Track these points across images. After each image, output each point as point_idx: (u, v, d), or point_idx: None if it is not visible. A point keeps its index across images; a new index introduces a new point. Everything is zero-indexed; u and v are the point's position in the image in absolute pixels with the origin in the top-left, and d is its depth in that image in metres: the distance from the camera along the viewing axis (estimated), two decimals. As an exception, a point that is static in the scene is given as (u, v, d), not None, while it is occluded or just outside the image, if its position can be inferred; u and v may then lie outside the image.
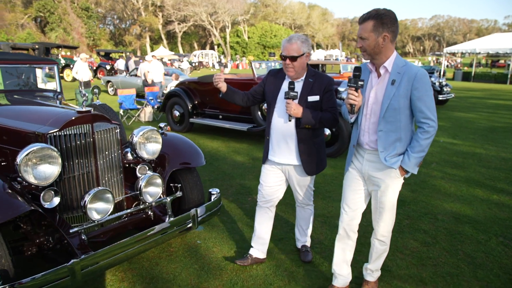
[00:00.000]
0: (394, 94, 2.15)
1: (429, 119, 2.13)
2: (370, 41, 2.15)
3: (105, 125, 2.72)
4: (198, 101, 8.34)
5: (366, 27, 2.15)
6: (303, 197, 2.92)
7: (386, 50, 2.16)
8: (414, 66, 2.18)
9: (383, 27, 2.11)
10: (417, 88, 2.11)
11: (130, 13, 60.24)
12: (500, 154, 6.52)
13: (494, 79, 26.44)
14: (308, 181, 2.86)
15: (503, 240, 3.40)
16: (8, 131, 2.74)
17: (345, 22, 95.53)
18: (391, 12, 2.15)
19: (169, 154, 3.11)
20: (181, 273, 2.86)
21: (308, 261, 2.99)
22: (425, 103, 2.13)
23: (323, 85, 2.68)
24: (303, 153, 2.71)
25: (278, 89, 2.77)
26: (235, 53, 58.84)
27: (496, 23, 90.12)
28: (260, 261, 2.97)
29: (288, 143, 2.73)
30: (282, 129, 2.72)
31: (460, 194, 4.54)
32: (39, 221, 2.42)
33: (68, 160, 2.55)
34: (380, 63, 2.21)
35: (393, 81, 2.16)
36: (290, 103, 2.56)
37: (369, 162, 2.35)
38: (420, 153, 2.18)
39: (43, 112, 2.88)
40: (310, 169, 2.75)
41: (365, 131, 2.32)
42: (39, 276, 2.02)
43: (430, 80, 2.19)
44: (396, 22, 2.15)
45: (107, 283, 2.73)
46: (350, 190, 2.48)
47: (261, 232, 2.96)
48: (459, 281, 2.78)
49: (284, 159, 2.76)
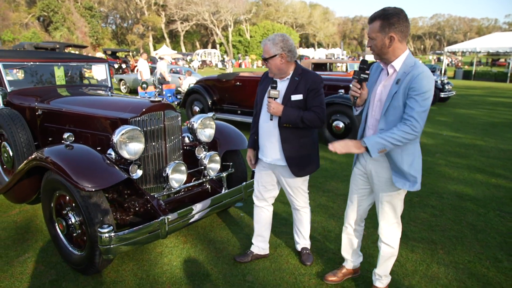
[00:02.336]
0: (396, 92, 2.12)
1: (412, 118, 2.04)
2: (378, 41, 2.13)
3: (172, 113, 3.29)
4: (217, 97, 8.93)
5: (374, 27, 2.13)
6: (296, 199, 2.88)
7: (394, 50, 2.13)
8: (421, 67, 2.09)
9: (390, 27, 2.08)
10: (412, 88, 2.05)
11: (133, 12, 60.79)
12: (499, 145, 7.12)
13: (494, 77, 27.00)
14: (299, 183, 2.80)
15: (499, 213, 3.99)
16: (92, 118, 3.31)
17: (346, 21, 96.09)
18: (400, 11, 2.08)
19: (219, 138, 3.69)
20: (233, 237, 3.46)
21: (309, 264, 2.96)
22: (416, 102, 2.04)
23: (308, 84, 2.60)
24: (288, 153, 2.66)
25: (266, 89, 2.72)
26: (237, 52, 59.36)
27: (496, 22, 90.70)
28: (262, 257, 3.07)
29: (272, 143, 2.71)
30: (266, 128, 2.71)
31: (462, 178, 5.13)
32: (127, 188, 3.00)
33: (145, 141, 3.13)
34: (389, 63, 2.19)
35: (398, 80, 2.13)
36: (270, 102, 2.54)
37: (372, 160, 2.32)
38: (388, 140, 2.07)
39: (118, 102, 3.44)
40: (297, 170, 2.68)
41: (369, 128, 2.32)
42: (137, 228, 2.59)
43: (432, 85, 2.08)
44: (405, 22, 2.09)
45: (174, 244, 3.31)
46: (354, 187, 2.53)
47: (259, 230, 3.03)
48: (463, 241, 3.37)
49: (270, 158, 2.76)
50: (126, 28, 65.35)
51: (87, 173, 2.56)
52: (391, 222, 2.40)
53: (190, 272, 2.90)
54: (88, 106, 3.51)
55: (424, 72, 2.05)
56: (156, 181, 3.20)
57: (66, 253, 2.92)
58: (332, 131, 7.00)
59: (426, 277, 2.84)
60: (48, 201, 2.97)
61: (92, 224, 2.52)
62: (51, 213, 2.99)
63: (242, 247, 3.27)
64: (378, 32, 2.12)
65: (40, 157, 2.78)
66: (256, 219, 3.04)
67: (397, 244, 2.46)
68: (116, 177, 2.62)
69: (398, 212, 2.39)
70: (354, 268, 2.79)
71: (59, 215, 2.91)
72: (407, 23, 2.10)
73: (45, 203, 2.99)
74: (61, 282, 2.77)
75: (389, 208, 2.36)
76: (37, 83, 4.20)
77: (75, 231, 2.79)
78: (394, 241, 2.44)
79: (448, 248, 3.25)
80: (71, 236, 2.85)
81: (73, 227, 2.79)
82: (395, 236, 2.43)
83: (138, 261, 3.05)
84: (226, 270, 2.91)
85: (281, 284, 2.75)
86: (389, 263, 2.51)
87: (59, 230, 2.96)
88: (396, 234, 2.44)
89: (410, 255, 3.14)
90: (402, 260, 3.05)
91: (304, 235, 3.04)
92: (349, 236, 2.69)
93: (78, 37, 50.43)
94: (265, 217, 3.01)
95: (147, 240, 2.65)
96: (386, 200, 2.35)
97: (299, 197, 2.86)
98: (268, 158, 2.76)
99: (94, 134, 3.28)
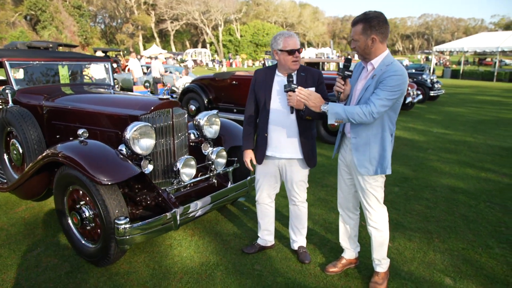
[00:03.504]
0: (369, 85, 2.33)
1: (374, 105, 2.21)
2: (361, 42, 2.32)
3: (179, 110, 3.41)
4: (213, 96, 9.04)
5: (357, 30, 2.32)
6: (298, 193, 2.94)
7: (375, 50, 2.32)
8: (396, 66, 2.26)
9: (371, 30, 2.26)
10: (382, 82, 2.24)
11: (122, 11, 60.36)
12: (487, 142, 7.39)
13: (481, 76, 27.58)
14: (305, 176, 2.91)
15: (489, 204, 4.20)
16: (101, 115, 3.41)
17: (335, 21, 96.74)
18: (380, 14, 2.27)
19: (224, 135, 3.82)
20: (238, 230, 3.59)
21: (307, 262, 2.99)
22: (382, 92, 2.22)
23: (315, 77, 2.76)
24: (305, 146, 2.76)
25: (271, 85, 2.77)
26: (228, 52, 59.38)
27: (482, 22, 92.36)
28: (268, 248, 3.20)
29: (289, 137, 2.76)
30: (283, 123, 2.74)
31: (453, 173, 5.35)
32: (139, 183, 3.11)
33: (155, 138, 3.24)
34: (369, 61, 2.39)
35: (374, 76, 2.32)
36: (292, 95, 2.55)
37: (351, 150, 2.51)
38: (346, 113, 2.26)
39: (127, 99, 3.55)
40: (312, 161, 2.82)
41: None
42: (151, 220, 2.71)
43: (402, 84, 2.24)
44: (385, 24, 2.27)
45: (182, 237, 3.44)
46: (340, 177, 2.73)
47: (265, 225, 3.13)
48: (456, 231, 3.56)
49: (286, 153, 2.79)
50: (115, 27, 64.86)
51: (103, 167, 2.66)
52: (374, 207, 2.54)
53: (200, 262, 3.03)
54: (97, 104, 3.60)
55: (398, 71, 2.24)
56: (164, 176, 3.32)
57: (79, 246, 3.02)
58: (327, 128, 7.17)
59: (423, 263, 3.02)
60: (61, 196, 3.07)
61: (109, 217, 2.63)
62: (63, 207, 3.09)
63: (248, 239, 3.41)
64: (361, 34, 2.31)
65: (56, 153, 2.87)
66: (260, 216, 3.12)
67: (386, 227, 2.59)
68: (131, 171, 2.73)
69: (380, 197, 2.54)
70: (352, 258, 2.93)
71: (72, 209, 3.01)
72: (386, 25, 2.30)
73: (58, 198, 3.09)
74: (76, 274, 2.87)
75: (370, 194, 2.51)
76: (43, 81, 4.27)
77: (89, 224, 2.90)
78: (382, 225, 2.57)
79: (443, 237, 3.44)
80: (85, 229, 2.96)
81: (87, 221, 2.89)
82: (382, 219, 2.57)
83: (149, 253, 3.16)
84: (235, 260, 3.05)
85: (288, 271, 2.90)
86: (383, 247, 2.62)
87: (72, 224, 3.06)
88: (383, 217, 2.57)
89: (408, 243, 3.32)
90: (401, 249, 3.23)
91: (301, 232, 3.09)
92: (345, 224, 2.86)
93: (66, 37, 49.87)
94: (269, 212, 3.10)
95: (160, 232, 2.77)
96: (366, 187, 2.51)
97: (301, 191, 2.95)
98: (284, 153, 2.80)
99: (103, 131, 3.38)
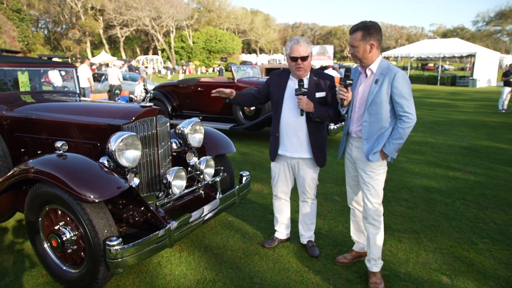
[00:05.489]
0: (376, 91, 2.50)
1: (406, 112, 2.46)
2: (360, 48, 2.51)
3: (162, 118, 3.20)
4: (177, 103, 8.78)
5: (356, 37, 2.51)
6: (309, 192, 3.11)
7: (372, 56, 2.53)
8: (394, 68, 2.50)
9: (370, 36, 2.47)
10: (395, 87, 2.45)
11: (67, 16, 57.37)
12: (447, 142, 7.81)
13: (427, 80, 29.49)
14: (316, 174, 3.08)
15: (464, 202, 4.39)
16: (75, 126, 3.10)
17: (286, 28, 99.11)
18: (376, 23, 2.52)
19: (207, 143, 3.65)
20: (228, 241, 3.43)
21: (316, 256, 3.10)
22: (402, 99, 2.46)
23: (328, 82, 2.95)
24: (314, 146, 2.94)
25: (284, 88, 2.97)
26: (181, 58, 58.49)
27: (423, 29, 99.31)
28: (285, 241, 3.35)
29: (299, 137, 2.94)
30: (293, 124, 2.93)
31: (424, 173, 5.56)
32: (124, 197, 2.85)
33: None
34: (367, 66, 2.58)
35: (377, 80, 2.52)
36: (302, 99, 2.78)
37: (356, 148, 2.71)
38: (398, 140, 2.50)
39: (104, 108, 3.26)
40: (321, 161, 3.01)
41: (354, 122, 2.69)
42: (145, 239, 2.48)
43: (408, 81, 2.51)
44: (380, 32, 2.52)
45: (170, 254, 3.21)
46: (347, 174, 2.90)
47: (282, 219, 3.30)
48: (441, 229, 3.67)
49: (296, 153, 2.98)
50: (60, 33, 61.42)
51: (89, 183, 2.41)
52: (374, 202, 2.67)
53: (195, 280, 2.84)
54: (68, 113, 3.30)
55: (399, 72, 2.49)
56: (149, 189, 3.09)
57: (58, 272, 2.71)
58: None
59: (418, 264, 3.05)
60: (35, 217, 2.74)
61: (97, 238, 2.38)
62: (38, 230, 2.76)
63: (241, 250, 3.27)
64: (360, 40, 2.51)
65: (29, 169, 2.56)
66: (278, 210, 3.30)
67: (382, 224, 2.71)
68: (120, 186, 2.50)
69: (380, 193, 2.68)
70: (362, 251, 3.02)
71: (49, 231, 2.69)
72: (381, 34, 2.54)
73: (31, 220, 2.76)
74: (57, 303, 2.57)
75: (373, 189, 2.65)
76: (1, 89, 3.84)
77: (70, 247, 2.61)
78: (379, 221, 2.70)
79: (430, 236, 3.52)
80: (65, 253, 2.65)
81: (68, 243, 2.60)
82: (380, 216, 2.70)
83: (137, 274, 2.91)
84: (232, 275, 2.89)
85: (289, 282, 2.79)
86: (379, 244, 2.73)
87: (49, 248, 2.74)
88: (380, 214, 2.70)
89: (399, 245, 3.35)
90: (393, 250, 3.25)
91: (310, 227, 3.24)
92: (355, 218, 2.99)
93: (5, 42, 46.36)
94: (286, 207, 3.29)
95: (155, 251, 2.55)
96: (369, 182, 2.65)
97: (312, 188, 3.12)
98: (294, 153, 2.98)
99: (79, 143, 3.08)
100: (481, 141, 7.88)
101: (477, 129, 9.44)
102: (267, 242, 3.33)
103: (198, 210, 2.92)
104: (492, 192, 4.70)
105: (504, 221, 3.86)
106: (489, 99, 17.61)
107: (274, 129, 3.04)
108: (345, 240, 3.42)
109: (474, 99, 17.89)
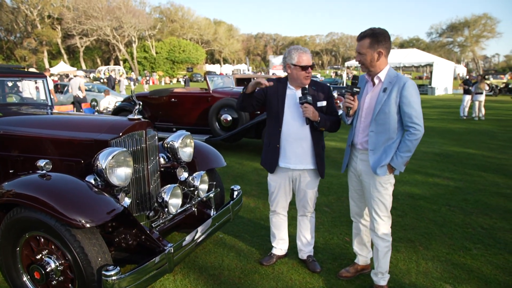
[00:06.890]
0: (384, 100, 2.42)
1: (415, 123, 2.38)
2: (367, 56, 2.42)
3: (151, 131, 2.99)
4: (148, 114, 8.45)
5: (364, 44, 2.42)
6: (309, 204, 3.00)
7: (380, 64, 2.45)
8: (404, 77, 2.43)
9: (378, 44, 2.39)
10: (404, 96, 2.37)
11: (22, 24, 54.64)
12: (420, 148, 8.01)
13: (388, 89, 30.50)
14: (317, 185, 2.99)
15: (449, 208, 4.47)
16: (55, 141, 2.82)
17: (249, 38, 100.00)
18: (385, 31, 2.42)
19: (197, 157, 3.45)
20: (224, 260, 3.24)
21: (318, 271, 3.00)
22: (411, 109, 2.37)
23: (326, 91, 2.88)
24: (318, 156, 2.86)
25: (283, 98, 2.85)
26: (143, 69, 57.28)
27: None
28: (283, 257, 3.23)
29: (303, 147, 2.83)
30: (297, 134, 2.81)
31: (406, 180, 5.63)
32: (115, 220, 2.60)
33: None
34: (374, 74, 2.49)
35: (385, 89, 2.43)
36: (308, 107, 2.66)
37: (362, 161, 2.60)
38: (406, 153, 2.43)
39: (87, 121, 3.00)
40: (322, 171, 2.91)
41: (359, 132, 2.59)
42: (144, 266, 2.24)
43: (417, 90, 2.44)
44: (389, 40, 2.42)
45: (165, 278, 2.96)
46: (351, 187, 2.82)
47: (280, 235, 3.17)
48: (434, 236, 3.68)
49: (300, 164, 2.86)
50: (14, 42, 58.31)
51: (79, 206, 2.16)
52: (383, 216, 2.60)
53: (195, 305, 2.63)
54: (44, 127, 3.00)
55: (409, 81, 2.42)
56: (139, 208, 2.86)
57: (41, 307, 2.41)
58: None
59: (420, 273, 3.02)
60: (12, 247, 2.43)
61: (90, 267, 2.13)
62: (15, 261, 2.45)
63: (239, 269, 3.09)
64: (368, 48, 2.42)
65: (6, 193, 2.27)
66: (276, 226, 3.16)
67: (390, 237, 2.66)
68: (114, 209, 2.26)
69: (388, 206, 2.61)
70: (365, 264, 2.97)
71: (30, 262, 2.39)
72: (390, 41, 2.45)
73: (7, 250, 2.44)
74: None
75: (380, 203, 2.59)
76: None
77: (56, 278, 2.32)
78: (388, 234, 2.64)
79: (425, 244, 3.51)
80: (49, 285, 2.36)
81: (53, 274, 2.31)
82: (388, 229, 2.64)
83: (129, 302, 2.65)
84: (234, 297, 2.71)
85: None
86: (387, 257, 2.67)
87: (28, 281, 2.44)
88: (389, 227, 2.64)
89: (398, 255, 3.31)
90: (393, 261, 3.20)
91: (309, 241, 3.13)
92: (357, 231, 2.92)
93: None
94: (283, 222, 3.16)
95: (155, 278, 2.33)
96: (376, 196, 2.57)
97: (312, 199, 3.01)
98: (298, 164, 2.86)
99: (59, 161, 2.79)
100: (451, 147, 8.18)
101: (444, 135, 9.81)
102: (265, 259, 3.18)
103: (196, 230, 2.71)
104: (473, 197, 4.82)
105: (490, 225, 3.94)
106: (449, 106, 18.53)
107: (272, 141, 2.90)
108: (343, 253, 3.34)
109: (436, 106, 18.74)
